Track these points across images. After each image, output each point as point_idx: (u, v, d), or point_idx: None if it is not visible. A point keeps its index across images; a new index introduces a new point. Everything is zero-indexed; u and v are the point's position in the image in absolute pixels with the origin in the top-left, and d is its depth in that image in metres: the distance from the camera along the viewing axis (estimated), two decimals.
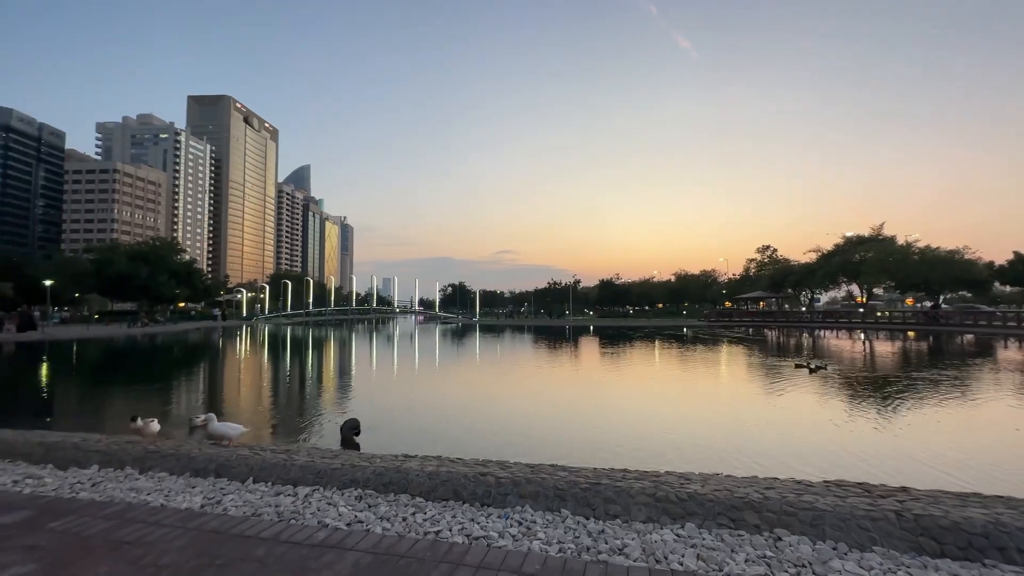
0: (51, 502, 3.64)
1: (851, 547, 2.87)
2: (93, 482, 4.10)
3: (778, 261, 76.13)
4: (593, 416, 10.15)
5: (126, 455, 4.53)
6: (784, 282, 68.11)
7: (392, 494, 3.77)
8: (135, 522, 3.25)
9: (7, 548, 2.92)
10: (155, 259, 66.11)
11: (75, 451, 4.73)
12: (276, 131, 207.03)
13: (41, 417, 10.49)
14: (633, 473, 4.27)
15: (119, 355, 26.00)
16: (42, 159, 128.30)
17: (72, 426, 8.54)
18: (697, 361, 20.81)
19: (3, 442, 5.01)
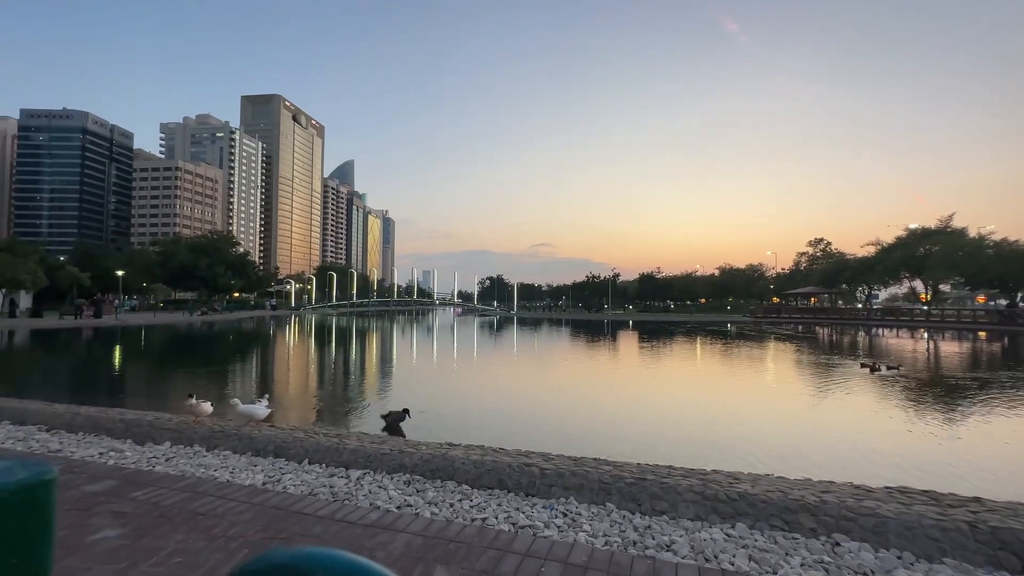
0: (132, 473, 3.97)
1: (918, 557, 2.71)
2: (167, 457, 4.44)
3: (832, 255, 72.08)
4: (633, 412, 10.02)
5: (194, 434, 4.87)
6: (838, 277, 64.40)
7: (439, 480, 3.88)
8: (206, 495, 3.50)
9: (98, 513, 3.22)
10: (213, 251, 70.26)
11: (150, 428, 5.13)
12: (322, 127, 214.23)
13: (117, 395, 11.43)
14: (679, 470, 4.20)
15: (182, 340, 27.87)
16: (114, 158, 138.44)
17: (143, 404, 9.27)
18: (743, 358, 20.09)
19: (89, 418, 5.50)
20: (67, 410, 6.07)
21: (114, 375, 15.15)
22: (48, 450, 4.65)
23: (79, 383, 13.83)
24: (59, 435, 5.21)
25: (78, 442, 4.95)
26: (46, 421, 5.56)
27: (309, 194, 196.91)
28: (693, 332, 36.79)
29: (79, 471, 3.98)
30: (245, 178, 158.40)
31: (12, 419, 5.71)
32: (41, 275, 46.94)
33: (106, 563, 2.58)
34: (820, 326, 46.46)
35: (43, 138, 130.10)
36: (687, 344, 26.92)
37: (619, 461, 4.54)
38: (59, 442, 4.92)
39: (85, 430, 5.28)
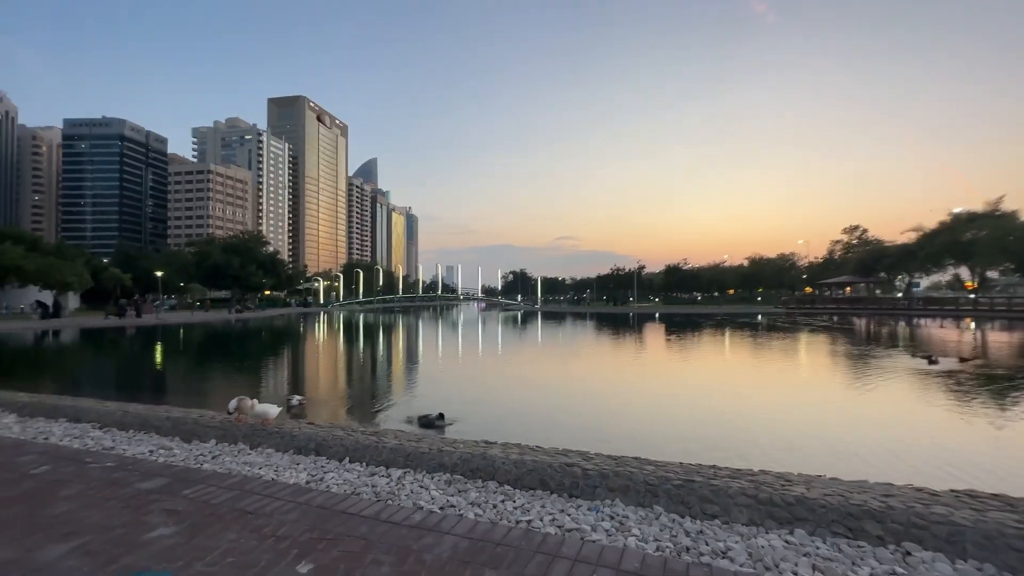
0: (181, 471, 4.07)
1: (1000, 570, 2.52)
2: (213, 455, 4.55)
3: (869, 242, 69.15)
4: (666, 408, 9.82)
5: (238, 431, 4.98)
6: (876, 265, 61.79)
7: (480, 480, 3.85)
8: (253, 494, 3.56)
9: (152, 511, 3.30)
10: (244, 251, 72.42)
11: (195, 426, 5.27)
12: (346, 127, 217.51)
13: (162, 392, 11.89)
14: (725, 470, 4.05)
15: (219, 338, 28.84)
16: (150, 163, 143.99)
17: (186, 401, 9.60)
18: (777, 351, 19.48)
19: (138, 416, 5.69)
20: (118, 408, 6.30)
21: (158, 373, 15.78)
22: (103, 447, 4.83)
23: (127, 380, 14.45)
24: (111, 432, 5.41)
25: (129, 439, 5.12)
26: (99, 419, 5.79)
27: (334, 193, 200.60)
28: (722, 324, 35.95)
29: (132, 469, 4.11)
30: (273, 178, 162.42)
31: (68, 417, 5.97)
32: (87, 276, 49.27)
33: (163, 562, 2.63)
34: (857, 317, 44.76)
35: (85, 146, 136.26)
36: (717, 337, 26.30)
37: (661, 461, 4.42)
38: (112, 440, 5.11)
39: (135, 427, 5.47)
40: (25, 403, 6.60)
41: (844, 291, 63.28)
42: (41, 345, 24.58)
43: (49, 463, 4.27)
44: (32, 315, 42.78)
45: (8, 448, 4.76)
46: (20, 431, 5.52)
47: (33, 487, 3.73)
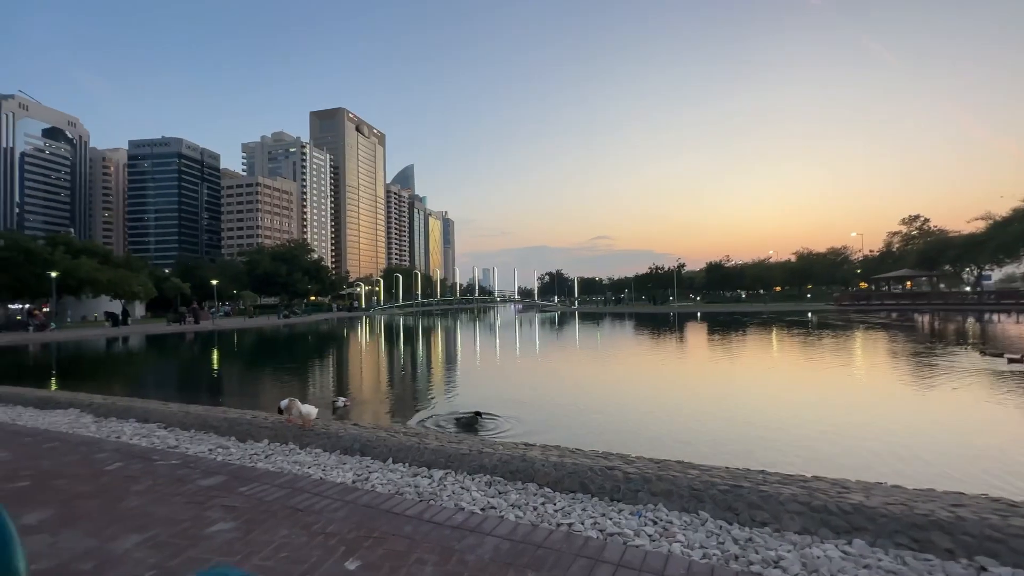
0: (237, 469, 4.30)
1: None
2: (266, 454, 4.77)
3: (930, 233, 64.59)
4: (709, 411, 9.51)
5: (288, 432, 5.21)
6: (939, 258, 57.51)
7: (520, 482, 3.86)
8: (303, 492, 3.71)
9: (212, 506, 3.51)
10: (291, 259, 75.76)
11: (249, 426, 5.55)
12: (383, 135, 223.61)
13: (220, 393, 12.60)
14: (775, 476, 3.88)
15: (269, 342, 30.27)
16: (204, 178, 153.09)
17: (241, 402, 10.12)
18: (831, 350, 18.48)
19: (198, 416, 6.05)
20: (180, 409, 6.73)
21: (215, 375, 16.73)
22: (167, 446, 5.17)
23: (188, 382, 15.41)
24: (175, 432, 5.78)
25: (190, 439, 5.46)
26: (164, 419, 6.20)
27: (373, 200, 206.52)
28: (770, 323, 34.46)
29: (194, 466, 4.38)
30: (316, 188, 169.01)
31: (137, 417, 6.43)
32: (151, 287, 52.91)
33: (223, 555, 2.79)
34: (919, 313, 41.86)
35: (147, 165, 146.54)
36: (764, 336, 25.24)
37: (706, 465, 4.28)
38: (175, 439, 5.46)
39: (195, 427, 5.82)
40: (100, 404, 7.16)
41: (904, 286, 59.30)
42: (113, 350, 26.58)
43: (121, 460, 4.61)
44: (104, 323, 46.35)
45: (87, 445, 5.18)
46: (96, 430, 5.99)
47: (108, 482, 4.04)
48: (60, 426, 6.23)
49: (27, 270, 42.22)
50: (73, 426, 6.22)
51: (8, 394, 8.47)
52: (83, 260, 46.00)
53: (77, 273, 44.36)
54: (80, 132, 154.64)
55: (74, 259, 45.28)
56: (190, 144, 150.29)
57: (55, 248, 45.74)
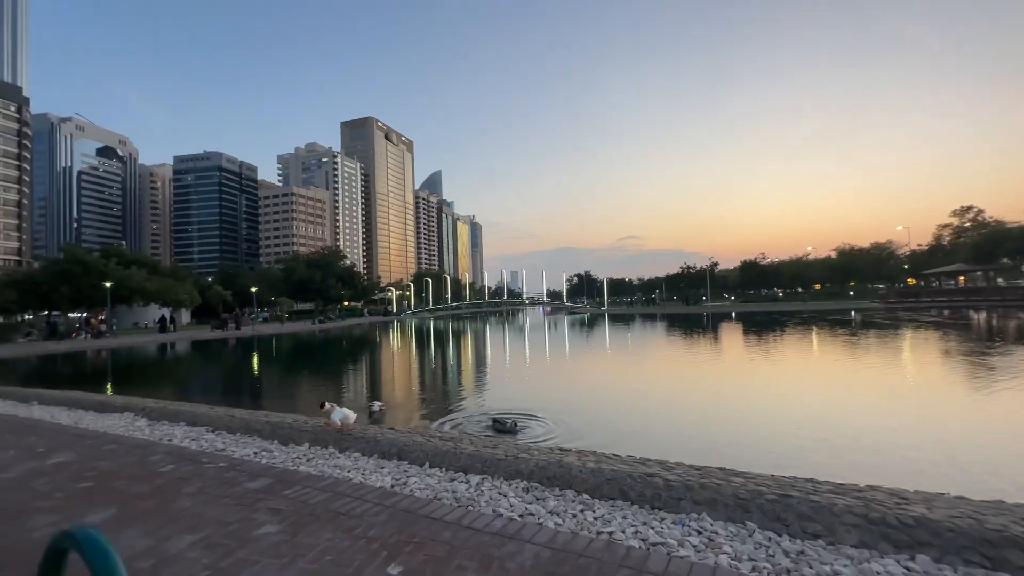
0: (281, 472, 4.43)
1: None
2: (307, 458, 4.90)
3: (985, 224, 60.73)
4: (748, 415, 9.20)
5: (328, 436, 5.33)
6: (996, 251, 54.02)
7: (557, 488, 3.82)
8: (344, 496, 3.78)
9: (259, 509, 3.62)
10: (325, 265, 77.97)
11: (291, 430, 5.72)
12: (411, 143, 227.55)
13: (261, 396, 13.05)
14: (825, 485, 3.71)
15: (306, 347, 31.19)
16: (243, 190, 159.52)
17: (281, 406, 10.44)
18: (879, 350, 17.59)
19: (243, 420, 6.28)
20: (225, 413, 7.00)
21: (257, 379, 17.35)
22: (215, 449, 5.38)
23: (232, 386, 16.05)
24: (222, 435, 6.02)
25: (236, 442, 5.66)
26: (211, 423, 6.47)
27: (403, 206, 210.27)
28: (810, 322, 33.12)
29: (241, 469, 4.54)
30: (347, 196, 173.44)
31: (187, 421, 6.73)
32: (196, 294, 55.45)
33: (271, 557, 2.87)
34: (975, 310, 39.35)
35: (190, 179, 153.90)
36: (805, 336, 24.27)
37: (750, 472, 4.13)
38: (223, 442, 5.68)
39: (241, 431, 6.04)
40: (152, 408, 7.53)
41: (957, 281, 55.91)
42: (162, 356, 27.98)
43: (173, 462, 4.83)
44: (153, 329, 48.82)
45: (141, 448, 5.44)
46: (149, 433, 6.30)
47: (162, 483, 4.23)
48: (117, 429, 6.58)
49: (85, 281, 45.01)
50: (129, 429, 6.55)
51: (72, 399, 9.01)
52: (133, 271, 48.67)
53: (129, 283, 46.97)
54: (130, 150, 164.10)
55: (126, 270, 47.97)
56: (229, 158, 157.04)
57: (109, 260, 48.57)
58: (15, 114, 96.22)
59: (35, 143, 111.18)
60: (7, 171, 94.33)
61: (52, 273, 46.42)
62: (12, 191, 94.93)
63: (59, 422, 7.20)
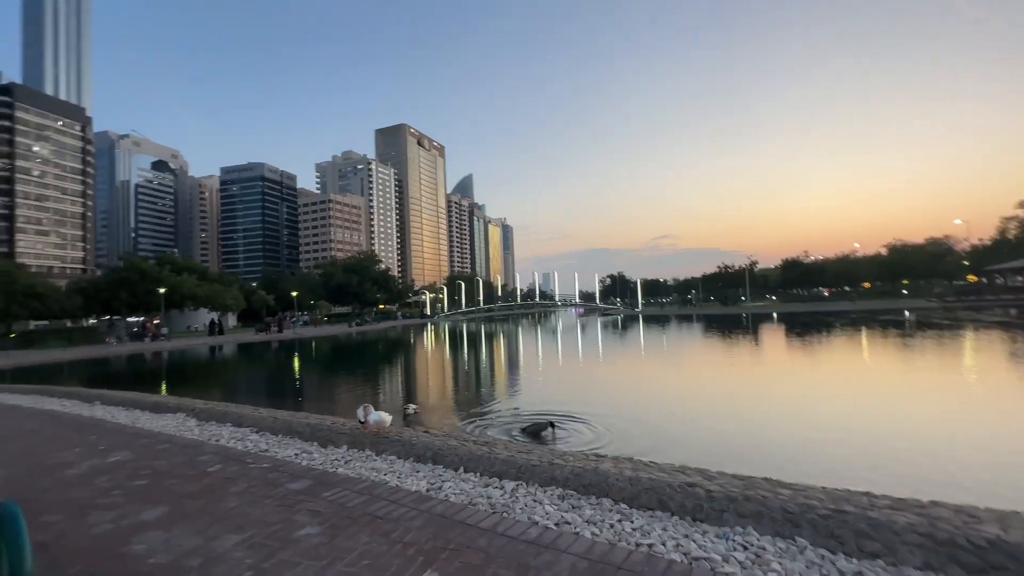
0: (321, 474, 4.53)
1: None
2: (345, 460, 5.00)
3: None
4: (794, 421, 8.78)
5: (365, 439, 5.42)
6: None
7: (593, 497, 3.73)
8: (381, 499, 3.83)
9: (299, 510, 3.70)
10: (361, 269, 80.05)
11: (330, 432, 5.85)
12: (443, 148, 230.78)
13: (302, 397, 13.48)
14: (883, 500, 3.47)
15: (343, 349, 32.08)
16: (284, 198, 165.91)
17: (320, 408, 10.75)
18: (936, 354, 16.48)
19: (284, 422, 6.48)
20: (269, 414, 7.25)
21: (298, 380, 17.95)
22: (259, 449, 5.57)
23: (275, 387, 16.67)
24: (265, 436, 6.23)
25: (279, 443, 5.85)
26: (255, 424, 6.71)
27: (435, 210, 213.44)
28: (860, 323, 31.43)
29: (283, 470, 4.67)
30: (382, 202, 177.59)
31: (233, 422, 7.01)
32: (241, 299, 58.03)
33: (311, 559, 2.92)
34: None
35: (236, 188, 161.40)
36: (853, 338, 23.04)
37: (798, 484, 3.92)
38: (266, 443, 5.87)
39: (283, 432, 6.23)
40: (202, 409, 7.89)
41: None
42: (212, 357, 29.40)
43: (221, 462, 5.03)
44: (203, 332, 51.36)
45: (192, 448, 5.70)
46: (199, 433, 6.60)
47: (210, 483, 4.40)
48: (169, 429, 6.92)
49: (141, 287, 47.95)
50: (180, 429, 6.88)
51: (129, 399, 9.57)
52: (185, 277, 51.46)
53: (181, 289, 49.70)
54: (181, 163, 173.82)
55: (178, 276, 50.80)
56: (271, 168, 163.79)
57: (163, 267, 51.54)
58: (80, 133, 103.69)
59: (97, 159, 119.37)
60: (73, 186, 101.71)
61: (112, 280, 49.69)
62: (78, 204, 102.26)
63: (118, 421, 7.65)
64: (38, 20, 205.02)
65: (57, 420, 8.06)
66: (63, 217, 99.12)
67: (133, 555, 3.08)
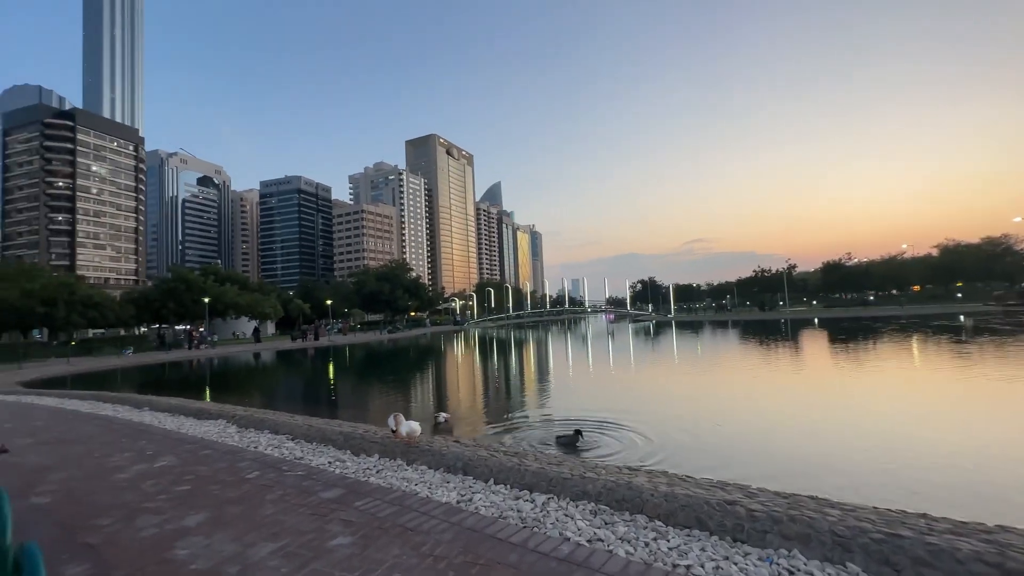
0: (353, 483, 4.58)
1: None
2: (377, 469, 5.05)
3: None
4: (840, 434, 8.33)
5: (396, 448, 5.47)
6: None
7: (627, 513, 3.62)
8: (411, 510, 3.83)
9: (332, 519, 3.75)
10: (393, 278, 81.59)
11: (362, 441, 5.93)
12: (471, 156, 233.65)
13: (337, 404, 13.78)
14: (943, 523, 3.22)
15: (377, 355, 32.70)
16: (319, 209, 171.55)
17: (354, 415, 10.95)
18: (1000, 362, 15.37)
19: (319, 430, 6.62)
20: (304, 422, 7.42)
21: (332, 387, 18.38)
22: (295, 457, 5.70)
23: (311, 393, 17.12)
24: (300, 444, 6.38)
25: (313, 451, 5.97)
26: (291, 432, 6.88)
27: (464, 218, 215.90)
28: (910, 329, 29.73)
29: (316, 478, 4.75)
30: (412, 211, 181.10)
31: (270, 429, 7.21)
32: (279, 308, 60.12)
33: (343, 571, 2.94)
34: None
35: (274, 201, 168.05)
36: (903, 345, 21.79)
37: (847, 503, 3.70)
38: (301, 450, 6.01)
39: (317, 440, 6.37)
40: (242, 416, 8.16)
41: None
42: (252, 364, 30.51)
43: (258, 469, 5.16)
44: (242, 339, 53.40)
45: (232, 454, 5.89)
46: (239, 440, 6.82)
47: (249, 490, 4.52)
48: (211, 435, 7.18)
49: (187, 297, 50.40)
50: (221, 435, 7.13)
51: (175, 405, 10.01)
52: (227, 287, 53.79)
53: (224, 298, 51.96)
54: (224, 178, 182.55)
55: (221, 286, 53.13)
56: (307, 180, 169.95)
57: (207, 278, 54.02)
58: (133, 152, 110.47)
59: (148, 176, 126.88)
60: (127, 202, 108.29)
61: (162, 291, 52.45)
62: (131, 219, 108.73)
63: (165, 427, 8.00)
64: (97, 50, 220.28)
65: (110, 424, 8.50)
66: (118, 231, 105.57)
67: (176, 560, 3.18)
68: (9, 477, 5.38)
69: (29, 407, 11.93)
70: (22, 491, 4.78)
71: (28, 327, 45.11)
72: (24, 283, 42.77)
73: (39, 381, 23.37)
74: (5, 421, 9.54)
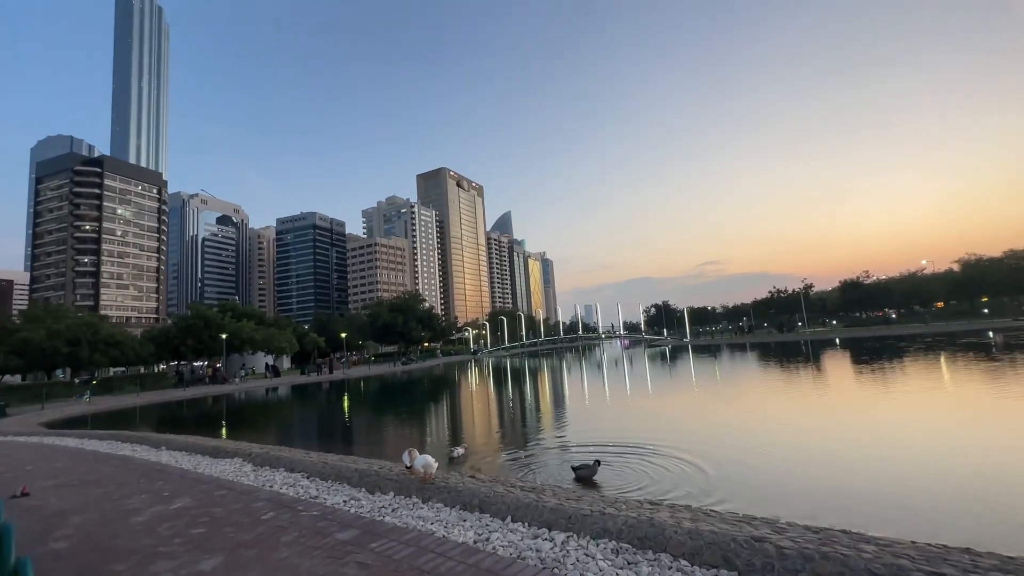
0: (368, 523, 4.50)
1: None
2: (392, 508, 4.96)
3: None
4: (872, 461, 7.99)
5: (411, 485, 5.39)
6: None
7: (650, 552, 3.49)
8: (428, 551, 3.74)
9: (348, 562, 3.67)
10: (406, 309, 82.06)
11: (377, 478, 5.86)
12: (481, 187, 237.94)
13: (350, 439, 13.68)
14: (987, 560, 3.04)
15: (391, 388, 32.58)
16: (333, 244, 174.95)
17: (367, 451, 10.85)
18: None
19: (334, 467, 6.57)
20: (319, 459, 7.37)
21: (346, 422, 18.29)
22: (310, 496, 5.64)
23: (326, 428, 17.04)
24: (315, 482, 6.32)
25: (328, 489, 5.91)
26: (306, 469, 6.83)
27: (476, 248, 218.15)
28: (936, 347, 28.79)
29: (331, 518, 4.69)
30: (425, 243, 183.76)
31: (286, 467, 7.17)
32: (295, 342, 60.58)
33: None
34: None
35: (290, 237, 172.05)
36: (930, 364, 21.06)
37: (883, 538, 3.52)
38: (316, 489, 5.95)
39: (332, 478, 6.30)
40: (257, 454, 8.14)
41: None
42: (268, 399, 30.61)
43: (273, 510, 5.11)
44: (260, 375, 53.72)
45: (247, 494, 5.85)
46: (254, 479, 6.78)
47: (264, 532, 4.47)
48: (227, 474, 7.16)
49: (205, 333, 51.18)
50: (236, 474, 7.11)
51: (192, 444, 10.04)
52: (244, 323, 54.52)
53: (240, 334, 52.61)
54: (242, 216, 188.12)
55: (237, 322, 53.90)
56: (322, 216, 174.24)
57: (225, 314, 54.91)
58: (156, 195, 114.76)
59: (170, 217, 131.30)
60: (150, 243, 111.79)
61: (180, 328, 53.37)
62: (153, 259, 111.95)
63: (182, 467, 8.00)
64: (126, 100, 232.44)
65: (128, 465, 8.53)
66: (140, 271, 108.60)
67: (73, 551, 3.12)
68: (30, 521, 5.40)
69: (51, 448, 12.06)
70: (41, 536, 4.79)
71: (53, 367, 46.07)
72: (51, 323, 43.97)
73: (59, 421, 23.68)
74: (27, 463, 9.64)
